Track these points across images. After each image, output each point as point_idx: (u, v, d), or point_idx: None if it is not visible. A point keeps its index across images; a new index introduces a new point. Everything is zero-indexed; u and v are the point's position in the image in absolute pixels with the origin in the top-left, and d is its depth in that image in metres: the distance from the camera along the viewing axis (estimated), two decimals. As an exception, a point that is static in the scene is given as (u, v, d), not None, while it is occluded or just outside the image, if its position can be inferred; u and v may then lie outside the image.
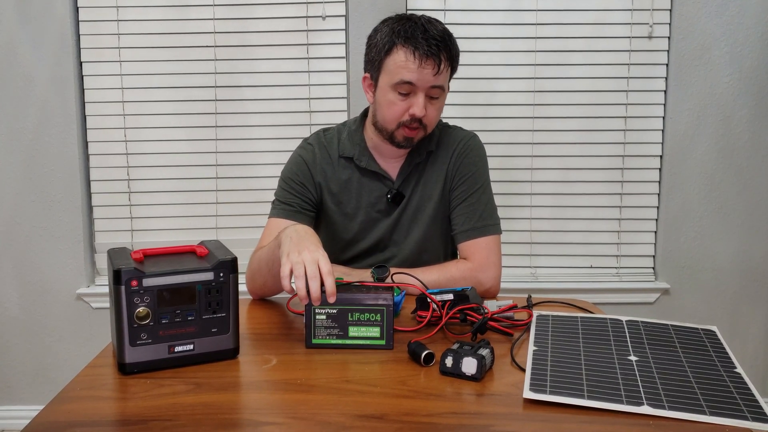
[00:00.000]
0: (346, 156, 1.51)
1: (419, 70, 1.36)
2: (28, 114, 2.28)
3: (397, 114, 1.40)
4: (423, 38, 1.35)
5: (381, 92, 1.42)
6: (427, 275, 1.37)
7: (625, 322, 1.21)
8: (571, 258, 2.38)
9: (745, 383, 0.96)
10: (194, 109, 2.31)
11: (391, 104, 1.40)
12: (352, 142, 1.52)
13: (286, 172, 1.54)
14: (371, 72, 1.45)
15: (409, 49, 1.36)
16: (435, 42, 1.36)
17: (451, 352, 1.02)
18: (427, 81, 1.37)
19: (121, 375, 1.02)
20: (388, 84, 1.40)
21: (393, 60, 1.38)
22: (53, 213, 2.33)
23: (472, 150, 1.53)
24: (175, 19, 2.27)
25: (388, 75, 1.40)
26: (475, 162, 1.53)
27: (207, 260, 1.07)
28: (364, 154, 1.51)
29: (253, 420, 0.89)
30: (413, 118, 1.40)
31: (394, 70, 1.38)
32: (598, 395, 0.92)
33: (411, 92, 1.39)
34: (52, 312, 2.38)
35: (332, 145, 1.53)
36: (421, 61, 1.35)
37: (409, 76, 1.36)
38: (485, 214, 1.50)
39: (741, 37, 2.24)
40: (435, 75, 1.37)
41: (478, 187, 1.51)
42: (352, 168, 1.51)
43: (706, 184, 2.32)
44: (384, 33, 1.40)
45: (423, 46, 1.35)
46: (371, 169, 1.50)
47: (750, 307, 2.38)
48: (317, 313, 1.12)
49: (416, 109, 1.38)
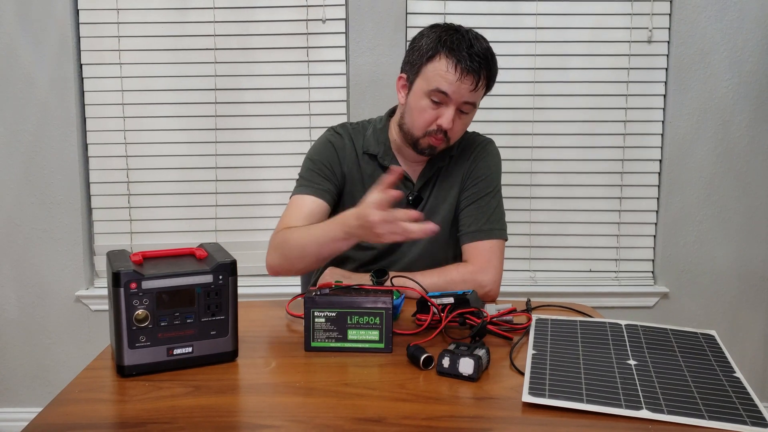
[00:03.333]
0: (371, 153, 1.52)
1: (457, 83, 1.36)
2: (28, 116, 2.28)
3: (427, 122, 1.41)
4: (467, 52, 1.36)
5: (414, 96, 1.43)
6: (426, 278, 1.37)
7: (624, 326, 1.21)
8: (570, 262, 2.38)
9: (744, 388, 0.96)
10: (194, 111, 2.31)
11: (422, 111, 1.41)
12: (377, 141, 1.52)
13: (314, 153, 1.53)
14: (408, 74, 1.45)
15: (452, 61, 1.36)
16: (478, 59, 1.36)
17: (448, 352, 1.03)
18: (462, 95, 1.38)
19: (119, 377, 1.02)
20: (423, 90, 1.40)
21: (434, 67, 1.38)
22: (53, 215, 2.33)
23: (489, 154, 1.55)
24: (176, 21, 2.27)
25: (425, 81, 1.40)
26: (490, 166, 1.54)
27: (206, 263, 1.07)
28: (388, 153, 1.51)
29: (252, 423, 0.89)
30: (439, 129, 1.40)
31: (433, 77, 1.38)
32: (597, 399, 0.92)
33: (443, 102, 1.39)
34: (51, 314, 2.38)
35: (358, 138, 1.53)
36: (461, 74, 1.36)
37: (446, 87, 1.37)
38: (493, 218, 1.50)
39: (740, 42, 2.25)
40: (471, 91, 1.38)
41: (490, 191, 1.52)
42: (375, 166, 1.52)
43: (706, 188, 2.32)
44: (430, 39, 1.40)
45: (466, 60, 1.35)
46: None
47: (749, 311, 2.38)
48: (316, 316, 1.12)
49: (444, 121, 1.39)
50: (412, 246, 1.52)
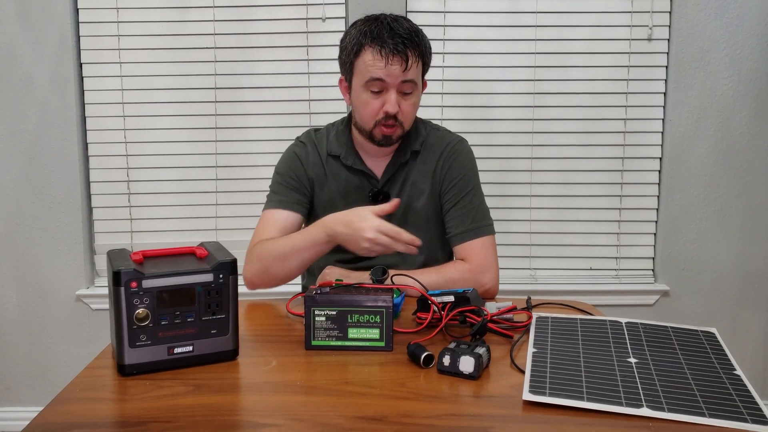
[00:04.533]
0: (334, 154, 1.54)
1: (387, 68, 1.39)
2: (28, 115, 2.28)
3: (372, 112, 1.44)
4: (389, 36, 1.39)
5: (355, 93, 1.46)
6: (425, 277, 1.37)
7: (625, 324, 1.21)
8: (570, 260, 2.38)
9: (745, 385, 0.97)
10: (194, 110, 2.31)
11: (366, 104, 1.44)
12: (339, 142, 1.55)
13: (280, 167, 1.57)
14: (345, 74, 1.50)
15: (376, 48, 1.40)
16: (401, 39, 1.39)
17: (449, 351, 1.03)
18: (396, 77, 1.40)
19: (120, 376, 1.02)
20: (360, 84, 1.44)
21: (362, 60, 1.42)
22: (53, 214, 2.33)
23: (460, 153, 1.56)
24: (176, 20, 2.27)
25: (359, 75, 1.43)
26: (464, 165, 1.55)
27: (206, 261, 1.07)
28: (350, 153, 1.54)
29: (253, 422, 0.89)
30: (387, 115, 1.43)
31: (364, 69, 1.42)
32: (597, 397, 0.92)
33: (383, 89, 1.42)
34: (52, 313, 2.38)
35: (322, 143, 1.56)
36: (388, 58, 1.39)
37: (378, 74, 1.40)
38: (478, 216, 1.52)
39: (740, 40, 2.25)
40: (404, 71, 1.40)
41: (469, 190, 1.53)
42: (339, 166, 1.54)
43: (706, 186, 2.32)
44: (352, 35, 1.45)
45: (389, 44, 1.39)
46: (357, 168, 1.53)
47: (749, 309, 2.38)
48: (317, 314, 1.12)
49: (389, 106, 1.42)
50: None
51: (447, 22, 2.26)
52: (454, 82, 2.30)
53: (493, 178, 2.31)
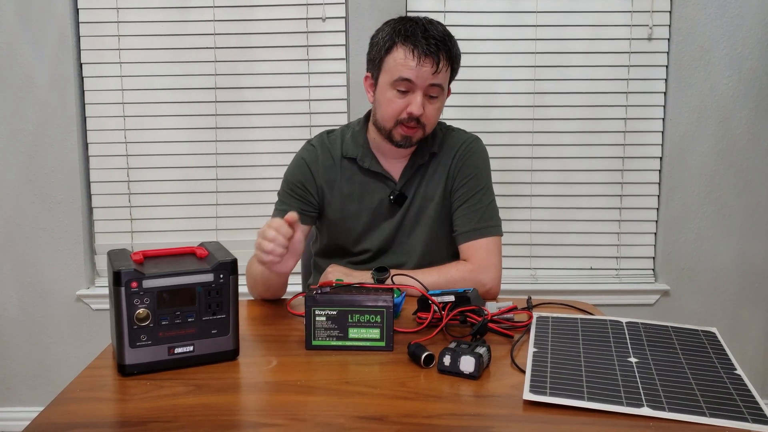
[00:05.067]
0: (350, 157, 1.51)
1: (418, 68, 1.37)
2: (28, 115, 2.28)
3: (395, 111, 1.41)
4: (423, 37, 1.37)
5: (380, 90, 1.44)
6: (426, 276, 1.37)
7: (625, 323, 1.21)
8: (570, 260, 2.38)
9: (745, 385, 0.96)
10: (194, 110, 2.31)
11: (390, 102, 1.42)
12: (356, 143, 1.52)
13: (288, 174, 1.55)
14: (372, 71, 1.47)
15: (408, 48, 1.38)
16: (435, 41, 1.37)
17: (449, 350, 1.03)
18: (425, 79, 1.39)
19: (120, 376, 1.02)
20: (387, 82, 1.41)
21: (393, 58, 1.40)
22: (53, 214, 2.33)
23: (475, 152, 1.54)
24: (176, 20, 2.27)
25: (387, 73, 1.41)
26: (477, 164, 1.53)
27: (207, 261, 1.07)
28: (367, 154, 1.51)
29: (253, 421, 0.89)
30: (411, 117, 1.41)
31: (394, 67, 1.39)
32: (598, 397, 0.92)
33: (409, 90, 1.40)
34: (52, 313, 2.38)
35: (335, 146, 1.53)
36: (419, 59, 1.37)
37: (408, 74, 1.38)
38: (486, 216, 1.50)
39: (741, 39, 2.25)
40: (433, 74, 1.39)
41: (480, 189, 1.52)
42: (355, 169, 1.52)
43: (706, 186, 2.32)
44: (385, 32, 1.42)
45: (422, 45, 1.37)
46: (374, 170, 1.50)
47: (750, 308, 2.38)
48: (317, 314, 1.12)
49: (414, 107, 1.39)
50: (407, 245, 1.52)
51: (447, 22, 2.26)
52: (454, 81, 2.29)
53: (494, 178, 2.25)
